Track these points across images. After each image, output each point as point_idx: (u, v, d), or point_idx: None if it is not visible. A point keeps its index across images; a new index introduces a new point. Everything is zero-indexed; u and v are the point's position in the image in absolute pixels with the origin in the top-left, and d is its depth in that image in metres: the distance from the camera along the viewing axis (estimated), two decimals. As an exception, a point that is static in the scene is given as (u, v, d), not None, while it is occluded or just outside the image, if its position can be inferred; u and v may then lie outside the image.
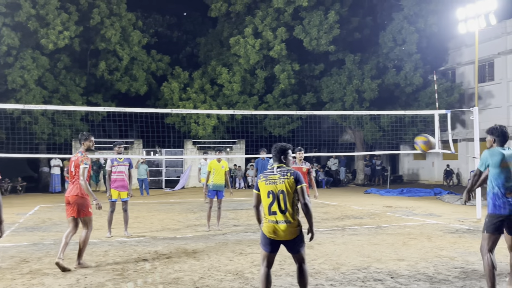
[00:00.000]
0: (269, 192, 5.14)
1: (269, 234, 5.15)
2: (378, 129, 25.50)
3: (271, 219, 5.13)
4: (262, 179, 5.23)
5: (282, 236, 5.13)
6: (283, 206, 5.11)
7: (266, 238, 5.18)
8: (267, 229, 5.15)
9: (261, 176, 5.28)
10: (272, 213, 5.13)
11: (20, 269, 7.38)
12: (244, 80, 27.00)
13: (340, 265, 7.38)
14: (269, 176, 5.21)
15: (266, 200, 5.17)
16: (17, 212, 15.42)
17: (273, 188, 5.14)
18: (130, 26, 26.64)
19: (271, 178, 5.18)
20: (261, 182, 5.22)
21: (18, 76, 22.66)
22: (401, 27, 24.17)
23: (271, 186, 5.15)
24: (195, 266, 7.48)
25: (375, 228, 11.11)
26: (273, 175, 5.20)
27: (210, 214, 11.18)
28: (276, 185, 5.14)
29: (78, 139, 7.91)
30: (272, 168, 5.32)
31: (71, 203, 7.48)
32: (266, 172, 5.32)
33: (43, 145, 25.05)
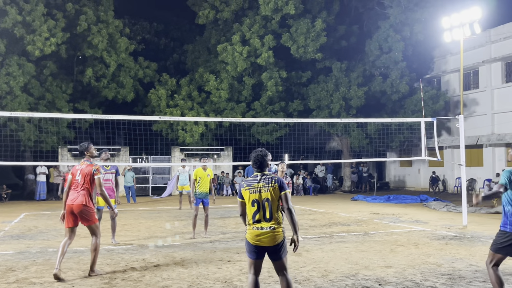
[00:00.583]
0: (254, 201, 5.16)
1: (253, 241, 5.16)
2: (365, 136, 25.66)
3: (256, 227, 5.15)
4: (246, 187, 5.23)
5: (266, 242, 5.14)
6: (268, 214, 5.14)
7: (251, 245, 5.20)
8: (251, 235, 5.17)
9: (244, 184, 5.27)
10: (256, 221, 5.15)
11: (6, 278, 7.30)
12: (231, 87, 27.04)
13: (328, 272, 7.41)
14: (253, 185, 5.21)
15: (250, 208, 5.18)
16: (2, 220, 15.24)
17: (257, 197, 5.15)
18: (117, 33, 26.56)
19: (255, 187, 5.19)
20: (244, 190, 5.23)
21: (4, 83, 22.46)
22: (387, 35, 24.41)
23: (255, 195, 5.17)
24: (184, 274, 7.46)
25: (363, 235, 11.16)
26: (257, 184, 5.20)
27: (196, 222, 11.16)
28: (261, 193, 5.16)
29: (79, 151, 7.99)
30: (255, 176, 5.29)
31: (75, 212, 7.38)
32: (250, 180, 5.28)
33: (28, 152, 24.81)
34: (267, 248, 5.18)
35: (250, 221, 5.19)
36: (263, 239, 5.13)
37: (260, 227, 5.13)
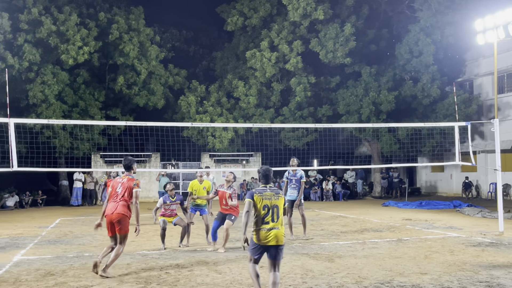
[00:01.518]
0: (265, 206, 6.12)
1: (263, 240, 6.06)
2: (395, 141, 25.38)
3: (265, 228, 6.07)
4: (258, 194, 6.19)
5: (272, 241, 6.04)
6: (275, 217, 6.11)
7: (257, 245, 6.10)
8: (261, 236, 6.06)
9: (256, 192, 6.24)
10: (265, 222, 6.08)
11: (46, 282, 7.49)
12: (260, 93, 27.13)
13: (362, 279, 7.37)
14: (264, 193, 6.21)
15: (261, 212, 6.11)
16: (39, 225, 15.62)
17: (268, 203, 6.13)
18: (148, 41, 27.01)
19: (266, 195, 6.19)
20: (257, 196, 6.18)
21: (39, 91, 23.04)
22: (418, 38, 24.12)
23: (266, 201, 6.15)
24: (217, 279, 7.52)
25: (396, 242, 11.04)
26: (267, 193, 6.22)
27: (186, 232, 10.89)
28: (271, 200, 6.16)
29: (125, 164, 8.33)
30: (264, 187, 6.32)
31: (114, 220, 7.84)
32: (260, 189, 6.30)
33: (62, 159, 25.38)
34: (271, 247, 6.07)
35: (260, 223, 6.10)
36: (272, 236, 6.04)
37: (269, 228, 6.06)
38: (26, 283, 7.45)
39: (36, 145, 19.90)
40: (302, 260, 8.92)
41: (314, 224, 14.88)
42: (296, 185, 11.77)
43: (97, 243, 11.51)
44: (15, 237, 12.97)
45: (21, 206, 23.50)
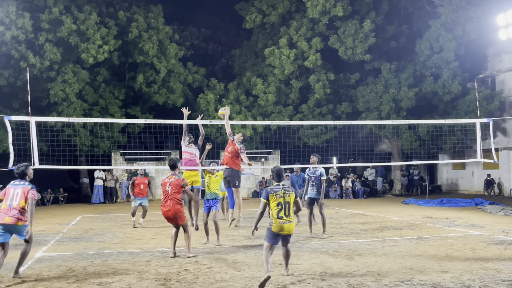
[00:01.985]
0: (279, 203, 7.24)
1: (277, 231, 7.21)
2: (416, 138, 25.10)
3: (280, 221, 7.20)
4: (273, 193, 7.29)
5: (286, 231, 7.26)
6: (287, 212, 7.25)
7: (274, 233, 7.23)
8: (276, 228, 7.20)
9: (271, 191, 7.31)
10: (280, 217, 7.20)
11: (67, 278, 7.58)
12: (279, 91, 27.07)
13: (382, 277, 7.30)
14: (278, 192, 7.30)
15: (275, 208, 7.22)
16: (60, 222, 15.85)
17: (281, 201, 7.25)
18: (167, 39, 27.13)
19: (279, 194, 7.29)
20: (272, 196, 7.27)
21: (60, 90, 23.30)
22: (438, 34, 23.79)
23: (280, 199, 7.25)
24: (236, 276, 7.53)
25: (416, 239, 10.93)
26: (280, 191, 7.31)
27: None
28: (284, 198, 7.27)
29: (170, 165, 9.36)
30: (277, 185, 7.40)
31: (171, 216, 9.16)
32: (274, 188, 7.36)
33: (83, 157, 25.67)
34: (285, 235, 7.31)
35: (276, 217, 7.21)
36: (285, 229, 7.22)
37: (283, 222, 7.20)
38: (48, 279, 7.56)
39: (57, 143, 20.16)
40: (321, 258, 8.88)
41: (334, 222, 14.81)
42: (315, 183, 11.69)
43: (117, 240, 11.63)
44: (37, 234, 13.15)
45: (43, 204, 23.85)
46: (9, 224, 7.50)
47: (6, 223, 7.48)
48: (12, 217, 7.50)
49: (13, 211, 7.52)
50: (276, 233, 7.21)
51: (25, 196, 7.63)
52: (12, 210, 7.52)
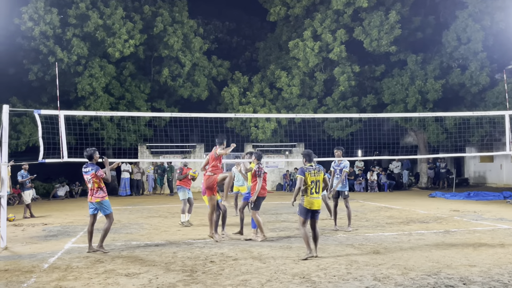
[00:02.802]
0: (312, 181, 8.31)
1: (309, 206, 8.30)
2: (443, 131, 24.74)
3: (312, 197, 8.30)
4: (307, 172, 8.33)
5: (316, 207, 8.35)
6: (318, 189, 8.38)
7: (307, 209, 8.31)
8: (308, 203, 8.29)
9: (306, 170, 8.35)
10: (312, 193, 8.30)
11: (96, 269, 7.74)
12: (303, 83, 26.97)
13: (408, 270, 7.26)
14: (311, 171, 8.37)
15: (310, 185, 8.28)
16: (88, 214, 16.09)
17: (314, 179, 8.34)
18: (191, 33, 27.27)
19: (313, 172, 8.37)
20: (307, 174, 8.31)
21: (87, 84, 23.68)
22: (466, 25, 23.35)
23: (313, 177, 8.34)
24: (262, 268, 7.58)
25: (443, 233, 10.82)
26: (313, 170, 8.41)
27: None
28: (316, 176, 8.37)
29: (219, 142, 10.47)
30: (310, 166, 8.46)
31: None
32: (308, 168, 8.42)
33: (110, 150, 26.06)
34: (315, 211, 8.36)
35: (309, 194, 8.30)
36: (315, 205, 8.33)
37: (314, 197, 8.32)
38: (77, 269, 7.73)
39: (85, 136, 20.52)
40: (346, 251, 8.87)
41: (359, 215, 14.75)
42: (340, 175, 11.69)
43: (144, 232, 11.80)
44: (66, 225, 13.45)
45: (71, 196, 24.32)
46: (95, 202, 9.48)
47: (93, 201, 9.50)
48: (95, 197, 9.45)
49: (93, 192, 9.43)
50: (307, 209, 8.27)
51: (95, 179, 9.36)
52: (92, 191, 9.43)
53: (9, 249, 9.76)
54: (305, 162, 8.57)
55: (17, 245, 10.27)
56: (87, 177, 9.42)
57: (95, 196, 9.42)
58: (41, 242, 10.63)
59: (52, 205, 20.08)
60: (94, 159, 9.54)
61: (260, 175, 10.03)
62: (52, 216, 15.94)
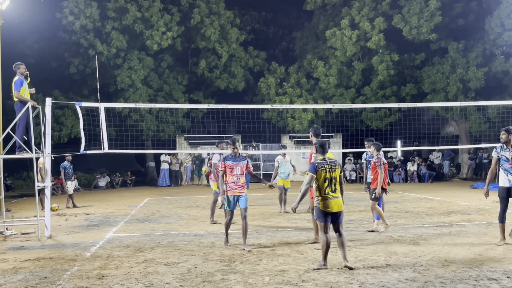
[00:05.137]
0: (326, 179, 6.97)
1: (324, 208, 6.96)
2: (485, 120, 24.06)
3: (328, 197, 6.96)
4: (320, 168, 6.98)
5: (336, 208, 6.95)
6: (333, 188, 6.99)
7: (324, 212, 6.97)
8: (324, 205, 6.95)
9: (318, 166, 7.00)
10: (326, 193, 6.97)
11: (136, 258, 7.90)
12: (340, 73, 26.65)
13: (449, 263, 7.12)
14: (324, 166, 7.01)
15: (323, 184, 6.96)
16: (128, 204, 16.47)
17: (328, 176, 6.98)
18: (228, 24, 27.30)
19: (326, 168, 6.99)
20: (319, 170, 6.97)
21: (126, 77, 24.08)
22: (510, 10, 22.53)
23: (327, 174, 6.97)
24: (299, 259, 7.58)
25: (485, 225, 10.56)
26: (326, 166, 7.01)
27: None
28: (331, 173, 6.99)
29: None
30: (323, 160, 7.08)
31: None
32: (320, 163, 7.04)
33: (149, 141, 26.48)
34: (335, 213, 6.97)
35: (323, 193, 6.97)
36: (332, 205, 6.94)
37: (330, 197, 6.96)
38: (118, 258, 7.91)
39: (124, 128, 20.91)
40: (385, 242, 8.77)
41: (398, 206, 14.54)
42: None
43: (183, 222, 11.96)
44: (107, 215, 13.76)
45: (112, 187, 24.86)
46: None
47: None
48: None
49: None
50: (325, 212, 6.97)
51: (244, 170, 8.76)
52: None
53: (53, 238, 10.07)
54: (317, 155, 7.23)
55: (60, 234, 10.58)
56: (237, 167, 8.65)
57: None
58: (83, 231, 10.92)
59: (94, 196, 20.59)
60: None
61: (381, 166, 10.02)
62: (94, 206, 16.35)
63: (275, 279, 6.44)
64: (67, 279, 6.70)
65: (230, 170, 8.60)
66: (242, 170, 8.67)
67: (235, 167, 8.60)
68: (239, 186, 8.62)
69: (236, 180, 8.60)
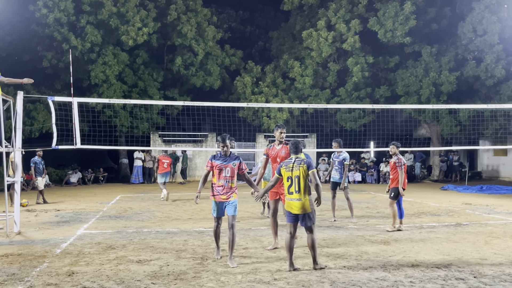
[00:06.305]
0: (288, 178, 6.80)
1: (287, 207, 6.87)
2: (456, 123, 24.54)
3: (289, 197, 6.80)
4: (284, 167, 6.88)
5: (295, 210, 6.75)
6: (297, 188, 6.71)
7: (286, 211, 6.91)
8: (287, 204, 6.84)
9: (283, 165, 6.93)
10: (290, 193, 6.78)
11: (107, 255, 7.82)
12: (316, 74, 26.83)
13: (419, 262, 7.25)
14: (288, 165, 6.86)
15: (286, 183, 6.81)
16: (100, 201, 16.28)
17: (290, 174, 6.78)
18: (205, 21, 27.18)
19: (289, 167, 6.83)
20: (283, 169, 6.88)
21: (100, 72, 23.76)
22: (482, 17, 23.04)
23: (289, 172, 6.80)
24: (272, 258, 7.61)
25: (454, 226, 10.76)
26: (290, 164, 6.85)
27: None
28: (293, 172, 6.76)
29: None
30: (290, 159, 6.95)
31: None
32: (286, 161, 6.96)
33: (122, 138, 26.19)
34: (299, 215, 6.76)
35: (286, 193, 6.81)
36: (293, 206, 6.75)
37: (291, 199, 6.77)
38: (89, 255, 7.82)
39: (98, 124, 20.66)
40: (357, 242, 8.87)
41: (370, 206, 14.73)
42: (338, 167, 11.81)
43: (156, 220, 11.89)
44: (78, 212, 13.58)
45: (84, 183, 24.54)
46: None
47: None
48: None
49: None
50: (287, 211, 6.88)
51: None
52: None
53: (22, 234, 9.89)
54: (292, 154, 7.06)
55: (30, 230, 10.40)
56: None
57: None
58: (53, 227, 10.76)
59: (65, 192, 20.29)
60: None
61: (401, 166, 10.26)
62: (65, 202, 16.11)
63: (247, 277, 6.46)
64: (36, 275, 6.59)
65: (218, 172, 7.42)
66: (233, 172, 7.46)
67: (224, 168, 7.40)
68: (227, 191, 7.41)
69: (224, 183, 7.39)
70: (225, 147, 7.47)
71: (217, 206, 7.46)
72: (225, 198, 7.39)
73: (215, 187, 7.45)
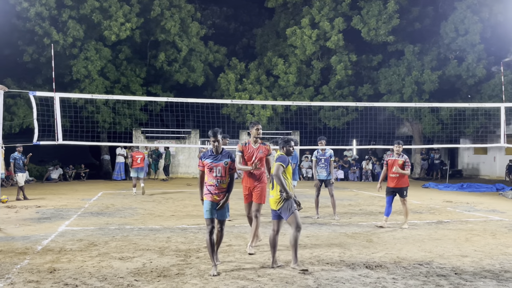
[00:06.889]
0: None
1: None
2: (438, 122, 24.82)
3: (270, 194, 6.93)
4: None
5: (273, 206, 6.87)
6: (273, 183, 6.85)
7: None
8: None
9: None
10: (271, 189, 6.92)
11: (89, 252, 7.74)
12: (300, 71, 26.88)
13: (401, 259, 7.31)
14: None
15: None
16: (82, 198, 16.13)
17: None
18: (189, 17, 27.01)
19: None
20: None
21: (82, 67, 23.50)
22: (464, 16, 23.32)
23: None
24: (256, 254, 7.61)
25: (436, 223, 10.89)
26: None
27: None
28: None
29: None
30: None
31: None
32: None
33: (104, 134, 25.95)
34: (276, 211, 6.85)
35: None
36: (271, 203, 6.89)
37: (271, 195, 6.90)
38: (71, 252, 7.73)
39: (79, 119, 20.44)
40: (340, 239, 8.91)
41: (352, 204, 14.82)
42: (325, 165, 11.85)
43: (138, 217, 11.80)
44: (59, 208, 13.43)
45: (65, 179, 24.28)
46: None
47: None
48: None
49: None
50: (271, 208, 7.00)
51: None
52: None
53: (2, 231, 9.75)
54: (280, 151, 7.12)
55: (10, 226, 10.25)
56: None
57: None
58: (34, 224, 10.62)
59: (46, 188, 20.05)
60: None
61: (409, 166, 10.67)
62: (46, 198, 15.91)
63: (231, 274, 6.45)
64: (16, 272, 6.49)
65: (209, 171, 6.80)
66: (224, 172, 6.79)
67: (214, 168, 6.76)
68: (219, 191, 6.78)
69: (215, 183, 6.75)
70: (215, 142, 6.81)
71: (210, 206, 6.73)
72: (217, 198, 6.75)
73: (206, 186, 6.84)
